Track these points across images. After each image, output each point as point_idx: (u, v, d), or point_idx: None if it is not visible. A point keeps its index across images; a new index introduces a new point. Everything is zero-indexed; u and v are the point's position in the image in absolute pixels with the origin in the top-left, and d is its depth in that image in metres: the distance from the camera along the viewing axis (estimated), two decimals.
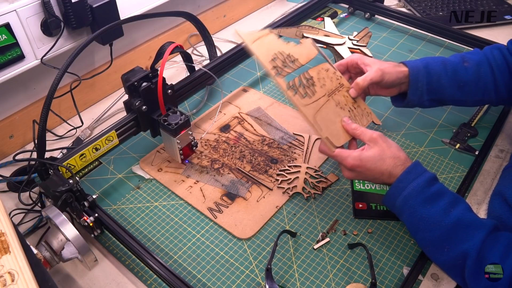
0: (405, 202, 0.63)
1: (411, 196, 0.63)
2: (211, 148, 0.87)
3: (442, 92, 0.78)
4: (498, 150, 0.86)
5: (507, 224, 0.64)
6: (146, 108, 0.77)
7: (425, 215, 0.61)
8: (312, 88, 0.72)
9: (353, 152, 0.67)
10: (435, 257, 0.62)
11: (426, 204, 0.61)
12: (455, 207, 0.61)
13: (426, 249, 0.64)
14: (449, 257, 0.60)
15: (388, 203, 0.68)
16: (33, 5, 0.75)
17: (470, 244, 0.57)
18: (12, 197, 0.79)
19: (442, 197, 0.62)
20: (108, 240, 0.72)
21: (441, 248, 0.60)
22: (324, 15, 1.27)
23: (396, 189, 0.64)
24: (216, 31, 1.26)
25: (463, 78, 0.77)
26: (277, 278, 0.66)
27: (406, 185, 0.63)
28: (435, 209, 0.61)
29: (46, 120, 0.68)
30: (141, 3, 0.95)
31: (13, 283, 0.45)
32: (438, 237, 0.60)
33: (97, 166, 0.85)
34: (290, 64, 0.71)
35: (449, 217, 0.60)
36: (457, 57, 0.80)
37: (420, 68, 0.77)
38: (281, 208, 0.76)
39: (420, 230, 0.63)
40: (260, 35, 0.71)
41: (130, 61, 1.04)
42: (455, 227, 0.59)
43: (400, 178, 0.64)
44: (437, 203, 0.61)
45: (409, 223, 0.65)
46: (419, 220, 0.62)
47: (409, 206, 0.63)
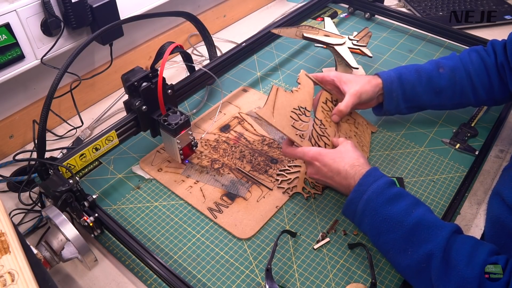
0: (367, 204, 0.63)
1: (373, 197, 0.62)
2: (211, 148, 0.87)
3: (418, 99, 0.81)
4: (498, 150, 0.86)
5: (505, 224, 0.64)
6: (146, 108, 0.77)
7: (387, 215, 0.61)
8: (325, 133, 0.75)
9: (315, 147, 0.71)
10: (399, 261, 0.61)
11: (388, 204, 0.61)
12: (416, 208, 0.61)
13: (389, 253, 0.62)
14: (413, 260, 0.58)
15: (349, 211, 0.66)
16: (33, 5, 0.75)
17: (434, 244, 0.56)
18: (12, 197, 0.79)
19: (404, 198, 0.62)
20: (108, 240, 0.72)
21: (404, 251, 0.59)
22: (324, 15, 1.27)
23: (357, 193, 0.64)
24: (216, 31, 1.26)
25: (438, 85, 0.80)
26: (277, 278, 0.66)
27: (366, 188, 0.63)
28: (397, 208, 0.61)
29: (46, 120, 0.68)
30: (141, 3, 0.95)
31: (13, 283, 0.45)
32: (400, 238, 0.59)
33: (97, 166, 0.85)
34: (304, 119, 0.74)
35: (411, 217, 0.59)
36: (432, 63, 0.82)
37: (394, 79, 0.80)
38: (281, 208, 0.76)
39: (382, 233, 0.61)
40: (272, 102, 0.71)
41: (130, 61, 1.04)
42: (417, 227, 0.58)
43: (360, 182, 0.64)
44: (398, 203, 0.61)
45: (371, 227, 0.63)
46: (381, 221, 0.61)
47: (371, 208, 0.62)
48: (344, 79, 0.79)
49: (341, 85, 0.79)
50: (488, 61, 0.79)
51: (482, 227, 0.72)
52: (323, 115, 0.77)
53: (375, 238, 0.64)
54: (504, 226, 0.64)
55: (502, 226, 0.64)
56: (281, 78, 1.05)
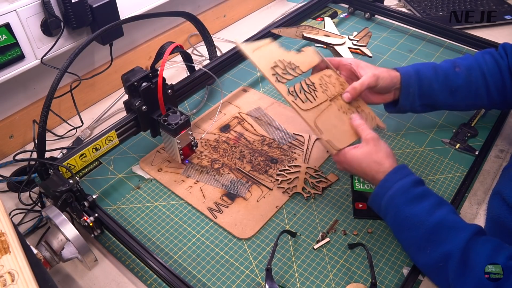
0: (391, 201, 0.63)
1: (396, 195, 0.63)
2: (211, 148, 0.87)
3: (433, 97, 0.80)
4: (498, 150, 0.86)
5: (506, 224, 0.64)
6: (146, 108, 0.77)
7: (409, 214, 0.61)
8: (313, 93, 0.72)
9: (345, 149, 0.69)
10: (417, 258, 0.62)
11: (411, 203, 0.62)
12: (439, 209, 0.61)
13: (409, 249, 0.64)
14: (431, 259, 0.59)
15: (374, 204, 0.68)
16: (33, 5, 0.75)
17: (453, 245, 0.57)
18: (12, 197, 0.79)
19: (427, 198, 0.62)
20: (108, 240, 0.72)
21: (423, 249, 0.60)
22: (324, 15, 1.27)
23: (382, 188, 0.65)
24: (216, 31, 1.26)
25: (454, 83, 0.78)
26: (277, 278, 0.66)
27: (391, 184, 0.64)
28: (419, 208, 0.61)
29: (46, 120, 0.68)
30: (141, 3, 0.95)
31: (13, 283, 0.45)
32: (421, 237, 0.60)
33: (97, 166, 0.85)
34: (290, 72, 0.72)
35: (432, 217, 0.60)
36: (448, 62, 0.81)
37: (412, 74, 0.78)
38: (281, 208, 0.76)
39: (404, 230, 0.63)
40: (261, 45, 0.71)
41: (130, 61, 1.04)
42: (437, 228, 0.59)
43: (386, 177, 0.65)
44: (421, 203, 0.62)
45: (393, 223, 0.65)
46: (403, 219, 0.62)
47: (394, 205, 0.63)
48: (362, 64, 0.77)
49: (358, 70, 0.76)
50: (501, 63, 0.78)
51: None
52: (319, 81, 0.73)
53: (397, 234, 0.66)
54: (505, 226, 0.64)
55: (503, 226, 0.64)
56: None
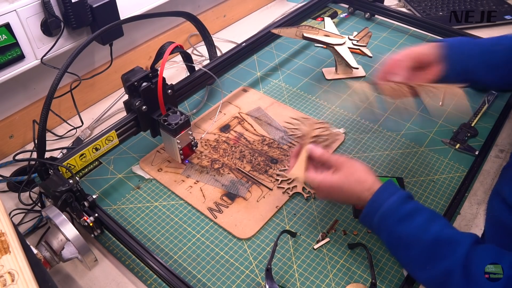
0: (381, 221, 0.61)
1: (387, 215, 0.61)
2: (211, 148, 0.87)
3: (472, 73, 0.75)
4: (498, 150, 0.86)
5: (505, 224, 0.64)
6: (146, 108, 0.77)
7: (403, 233, 0.59)
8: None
9: (318, 176, 0.65)
10: (418, 275, 0.60)
11: (403, 222, 0.60)
12: (432, 224, 0.59)
13: (408, 267, 0.62)
14: (431, 276, 0.57)
15: (365, 223, 0.66)
16: (33, 5, 0.75)
17: (453, 261, 0.55)
18: (12, 197, 0.79)
19: (419, 214, 0.60)
20: (108, 240, 0.72)
21: (422, 267, 0.58)
22: (324, 15, 1.27)
23: (371, 208, 0.62)
24: (216, 31, 1.26)
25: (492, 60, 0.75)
26: (277, 278, 0.66)
27: (380, 204, 0.61)
28: (413, 226, 0.59)
29: (46, 120, 0.68)
30: (141, 3, 0.95)
31: (13, 283, 0.45)
32: (419, 255, 0.58)
33: (97, 166, 0.85)
34: None
35: (427, 234, 0.58)
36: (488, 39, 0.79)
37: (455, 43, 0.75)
38: (281, 208, 0.76)
39: (399, 249, 0.61)
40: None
41: (130, 61, 1.04)
42: (434, 244, 0.57)
43: (374, 198, 0.62)
44: (413, 220, 0.59)
45: (388, 242, 0.63)
46: (397, 239, 0.60)
47: (387, 225, 0.61)
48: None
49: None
50: None
51: (482, 227, 0.71)
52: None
53: (393, 252, 0.63)
54: (504, 226, 0.64)
55: (502, 226, 0.64)
56: (281, 78, 1.05)
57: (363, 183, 0.63)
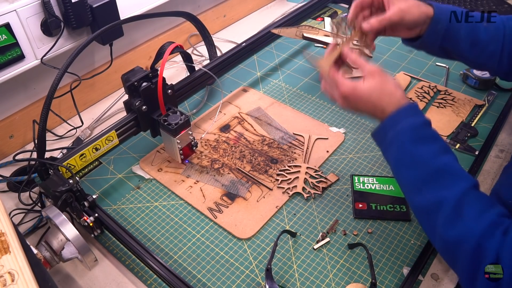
0: (397, 135, 0.61)
1: (405, 130, 0.61)
2: (211, 148, 0.87)
3: (455, 42, 0.77)
4: (498, 150, 0.86)
5: None
6: (146, 108, 0.77)
7: (414, 152, 0.60)
8: None
9: (348, 81, 0.65)
10: (412, 198, 0.61)
11: (417, 143, 0.60)
12: (445, 154, 0.59)
13: (405, 187, 0.62)
14: (425, 201, 0.58)
15: (378, 135, 0.65)
16: (33, 5, 0.76)
17: (451, 192, 0.56)
18: (12, 197, 0.79)
19: (435, 142, 0.60)
20: (108, 240, 0.72)
21: (420, 190, 0.59)
22: (324, 15, 1.27)
23: (392, 121, 0.62)
24: (216, 31, 1.26)
25: (477, 37, 0.76)
26: (277, 278, 0.66)
27: (402, 119, 0.61)
28: (425, 149, 0.59)
29: (46, 120, 0.68)
30: (141, 3, 0.95)
31: (13, 283, 0.45)
32: (421, 177, 0.59)
33: (97, 166, 0.85)
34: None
35: (436, 161, 0.58)
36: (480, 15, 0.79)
37: (445, 12, 0.76)
38: (281, 208, 0.76)
39: (404, 166, 0.61)
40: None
41: (130, 61, 1.04)
42: (440, 172, 0.58)
43: (399, 111, 0.62)
44: (428, 144, 0.60)
45: (395, 158, 0.62)
46: (406, 155, 0.60)
47: (400, 141, 0.61)
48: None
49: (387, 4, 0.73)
50: None
51: None
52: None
53: (396, 170, 0.63)
54: None
55: None
56: (281, 78, 1.05)
57: (392, 96, 0.63)
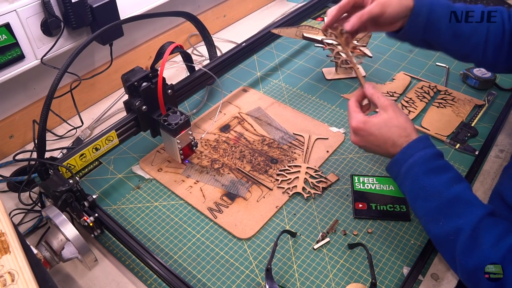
0: (410, 169, 0.63)
1: (417, 164, 0.63)
2: (211, 148, 0.87)
3: (437, 35, 0.78)
4: (498, 150, 0.86)
5: None
6: (146, 108, 0.77)
7: (427, 184, 0.61)
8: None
9: (360, 114, 0.67)
10: (429, 228, 0.62)
11: (430, 174, 0.62)
12: (458, 183, 0.61)
13: (422, 218, 0.64)
14: (443, 231, 0.59)
15: (392, 170, 0.67)
16: (33, 5, 0.76)
17: (466, 220, 0.57)
18: (12, 197, 0.79)
19: (447, 171, 0.62)
20: (108, 240, 0.72)
21: (437, 220, 0.60)
22: (324, 15, 1.27)
23: (404, 154, 0.64)
24: (216, 31, 1.26)
25: (460, 29, 0.77)
26: (277, 278, 0.66)
27: (414, 152, 0.63)
28: (438, 180, 0.61)
29: (46, 120, 0.68)
30: (141, 3, 0.95)
31: (13, 283, 0.45)
32: (436, 208, 0.60)
33: (97, 166, 0.85)
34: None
35: (450, 191, 0.60)
36: (462, 6, 0.80)
37: (425, 4, 0.76)
38: (281, 208, 0.76)
39: (419, 199, 0.62)
40: None
41: (130, 61, 1.04)
42: (454, 201, 0.59)
43: (410, 144, 0.64)
44: (440, 175, 0.61)
45: (410, 191, 0.64)
46: (420, 188, 0.62)
47: (413, 174, 0.63)
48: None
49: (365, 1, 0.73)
50: (507, 25, 0.77)
51: None
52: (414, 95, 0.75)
53: (412, 202, 0.65)
54: None
55: None
56: (281, 78, 1.05)
57: (402, 130, 0.65)
